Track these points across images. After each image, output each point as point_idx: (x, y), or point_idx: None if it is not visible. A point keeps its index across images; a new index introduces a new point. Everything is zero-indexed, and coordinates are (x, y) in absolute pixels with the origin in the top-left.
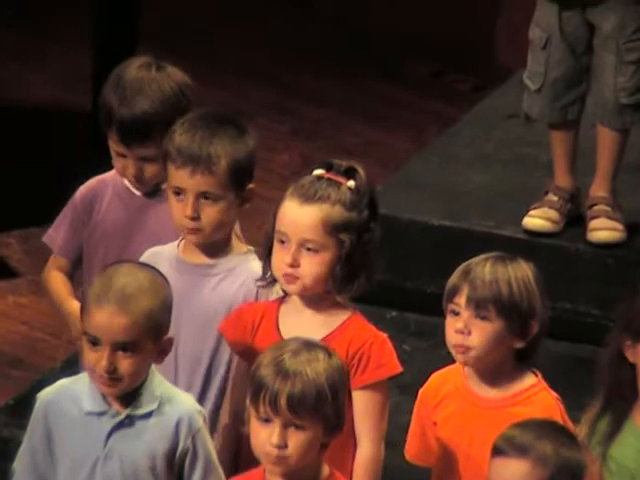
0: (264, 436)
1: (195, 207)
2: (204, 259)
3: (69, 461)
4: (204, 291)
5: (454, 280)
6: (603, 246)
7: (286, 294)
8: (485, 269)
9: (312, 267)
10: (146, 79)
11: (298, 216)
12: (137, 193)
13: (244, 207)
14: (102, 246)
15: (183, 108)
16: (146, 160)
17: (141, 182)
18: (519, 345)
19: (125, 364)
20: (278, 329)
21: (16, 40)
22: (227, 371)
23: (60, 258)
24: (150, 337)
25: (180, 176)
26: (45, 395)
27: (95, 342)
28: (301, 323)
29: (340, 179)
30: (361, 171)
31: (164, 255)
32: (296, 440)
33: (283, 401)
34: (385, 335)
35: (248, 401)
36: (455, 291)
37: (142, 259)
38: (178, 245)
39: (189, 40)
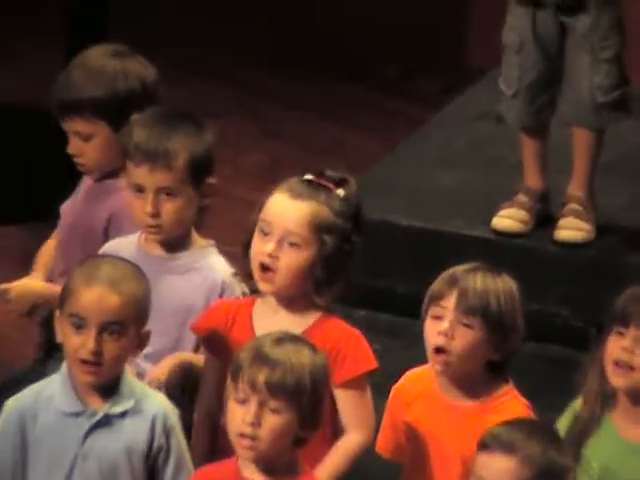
0: (239, 416)
1: (155, 203)
2: (165, 254)
3: (45, 464)
4: (165, 286)
5: (439, 286)
6: (566, 245)
7: (259, 292)
8: (476, 279)
9: (290, 262)
10: (101, 63)
11: (286, 208)
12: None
13: (204, 202)
14: (60, 230)
15: (137, 100)
16: (82, 137)
17: (81, 164)
18: (495, 357)
19: (110, 347)
20: (252, 327)
21: None
22: None
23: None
24: (135, 322)
25: (139, 173)
26: (17, 402)
27: (80, 325)
28: (275, 322)
29: (331, 186)
30: (353, 183)
31: (125, 249)
32: (269, 422)
33: (262, 378)
34: (359, 332)
35: (228, 383)
36: (441, 295)
37: (102, 251)
38: (139, 239)
39: (157, 40)
